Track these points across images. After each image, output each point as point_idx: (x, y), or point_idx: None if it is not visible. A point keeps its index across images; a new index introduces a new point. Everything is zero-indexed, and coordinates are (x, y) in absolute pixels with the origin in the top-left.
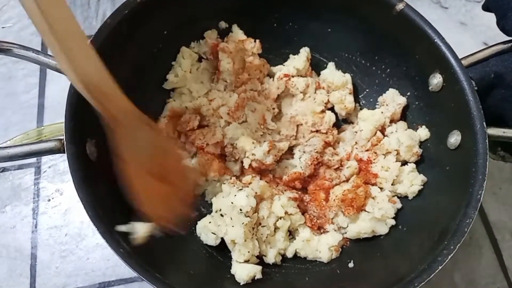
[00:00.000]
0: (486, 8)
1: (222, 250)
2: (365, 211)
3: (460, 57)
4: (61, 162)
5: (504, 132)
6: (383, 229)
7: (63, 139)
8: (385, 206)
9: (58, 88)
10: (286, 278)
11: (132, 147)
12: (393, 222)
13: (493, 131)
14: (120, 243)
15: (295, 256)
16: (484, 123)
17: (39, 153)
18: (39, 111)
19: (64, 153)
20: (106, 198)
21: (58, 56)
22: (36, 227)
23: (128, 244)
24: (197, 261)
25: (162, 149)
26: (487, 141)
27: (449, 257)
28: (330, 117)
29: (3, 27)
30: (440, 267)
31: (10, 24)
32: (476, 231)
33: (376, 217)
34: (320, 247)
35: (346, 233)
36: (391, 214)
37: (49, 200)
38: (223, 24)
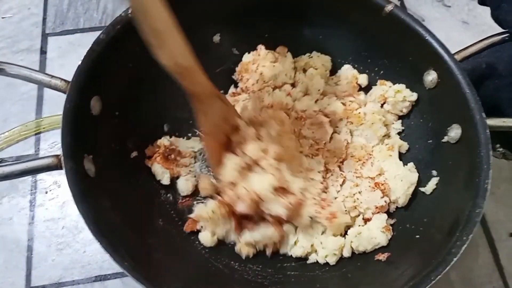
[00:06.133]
0: (481, 1)
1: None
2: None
3: (453, 52)
4: None
5: (504, 122)
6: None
7: (60, 155)
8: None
9: None
10: (297, 287)
11: (209, 121)
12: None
13: (492, 121)
14: (125, 257)
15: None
16: (483, 113)
17: (36, 171)
18: (38, 102)
19: (62, 169)
20: (108, 213)
21: (155, 46)
22: (33, 219)
23: (132, 257)
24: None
25: (228, 120)
26: (487, 131)
27: (463, 248)
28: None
29: (3, 17)
30: (455, 259)
31: (10, 15)
32: None
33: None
34: (374, 233)
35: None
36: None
37: (46, 193)
38: (216, 38)
